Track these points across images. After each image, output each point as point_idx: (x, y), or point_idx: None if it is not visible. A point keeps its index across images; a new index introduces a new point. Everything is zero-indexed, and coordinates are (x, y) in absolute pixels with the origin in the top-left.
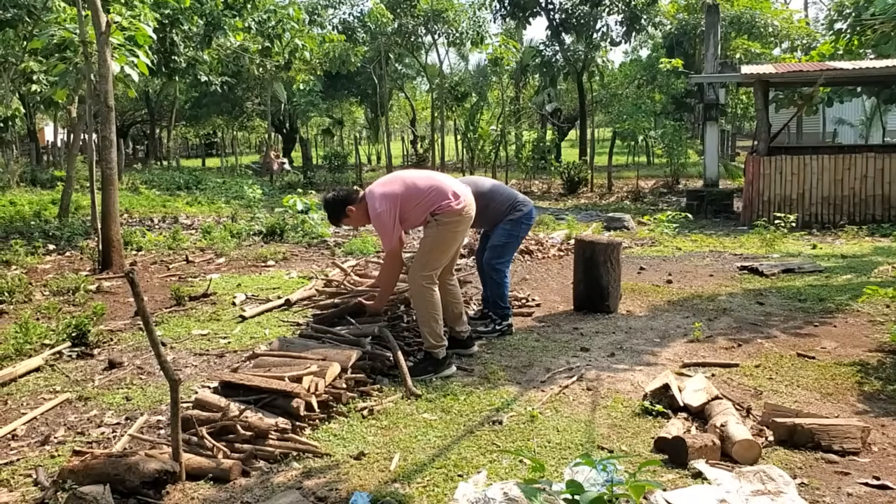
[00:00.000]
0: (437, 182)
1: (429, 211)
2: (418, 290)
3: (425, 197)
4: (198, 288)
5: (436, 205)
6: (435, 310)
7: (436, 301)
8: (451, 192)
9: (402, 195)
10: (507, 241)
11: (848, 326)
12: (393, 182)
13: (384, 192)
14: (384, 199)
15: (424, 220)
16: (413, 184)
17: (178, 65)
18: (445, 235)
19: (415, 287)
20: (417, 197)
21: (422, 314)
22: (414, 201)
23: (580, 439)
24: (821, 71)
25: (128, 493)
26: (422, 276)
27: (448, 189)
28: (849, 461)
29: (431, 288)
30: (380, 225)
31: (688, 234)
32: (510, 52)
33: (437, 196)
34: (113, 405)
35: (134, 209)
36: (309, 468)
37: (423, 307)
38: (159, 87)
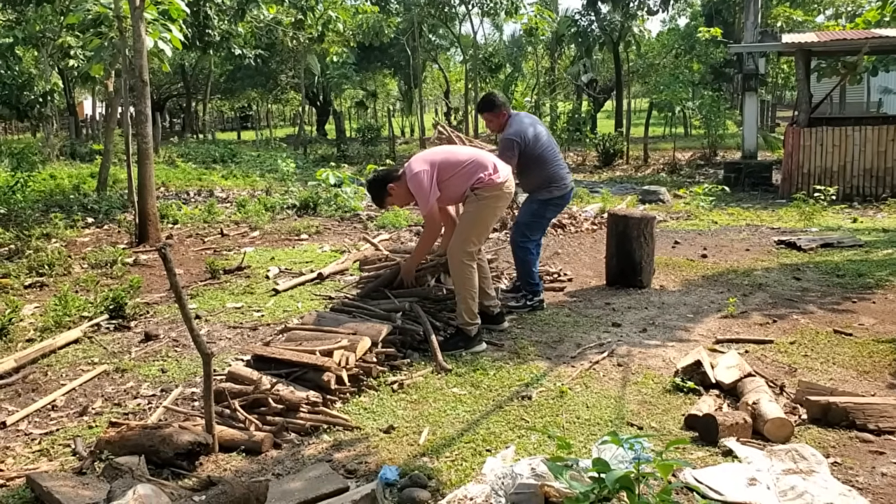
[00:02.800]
0: (476, 155)
1: (469, 184)
2: (459, 266)
3: (464, 167)
4: (232, 261)
5: (475, 177)
6: (473, 287)
7: (474, 279)
8: (491, 164)
9: (441, 162)
10: (533, 221)
11: (887, 303)
12: (433, 152)
13: (422, 158)
14: (421, 162)
15: (464, 194)
16: (452, 153)
17: (212, 38)
18: (485, 211)
19: (455, 263)
20: (456, 166)
21: (460, 290)
22: (452, 170)
23: (610, 416)
24: (866, 39)
25: (162, 463)
26: (463, 251)
27: (489, 162)
28: (884, 440)
29: (471, 265)
30: (417, 186)
31: (724, 207)
32: (545, 21)
33: (475, 167)
34: (149, 377)
35: (170, 182)
36: (339, 441)
37: (462, 283)
38: (194, 60)
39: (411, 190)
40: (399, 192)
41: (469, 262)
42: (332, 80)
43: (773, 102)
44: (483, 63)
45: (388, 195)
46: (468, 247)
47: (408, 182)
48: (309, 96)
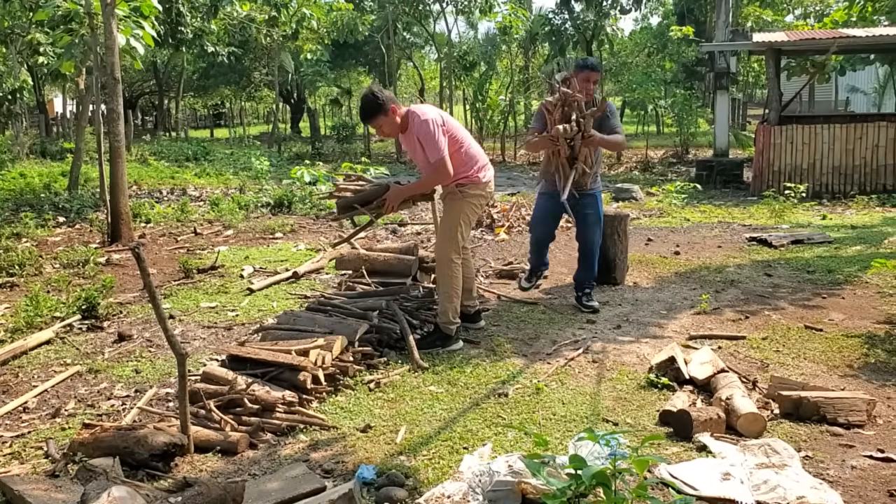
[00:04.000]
0: (471, 142)
1: (459, 173)
2: (447, 264)
3: (460, 150)
4: (206, 260)
5: (465, 166)
6: (458, 286)
7: (460, 278)
8: (482, 159)
9: (451, 129)
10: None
11: (856, 298)
12: (442, 113)
13: (433, 109)
14: (434, 112)
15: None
16: (457, 128)
17: (184, 35)
18: (468, 209)
19: (444, 261)
20: (456, 143)
21: (445, 289)
22: (453, 145)
23: (585, 412)
24: (833, 38)
25: (137, 465)
26: (452, 249)
27: (480, 156)
28: (854, 434)
29: (458, 263)
30: (426, 132)
31: (696, 204)
32: (519, 20)
33: (468, 158)
34: (122, 378)
35: (143, 181)
36: (316, 441)
37: (448, 282)
38: (167, 57)
39: (419, 135)
40: (390, 122)
41: (457, 260)
42: (306, 78)
43: (744, 101)
44: (457, 61)
45: (382, 115)
46: (456, 244)
47: (416, 125)
48: (283, 94)
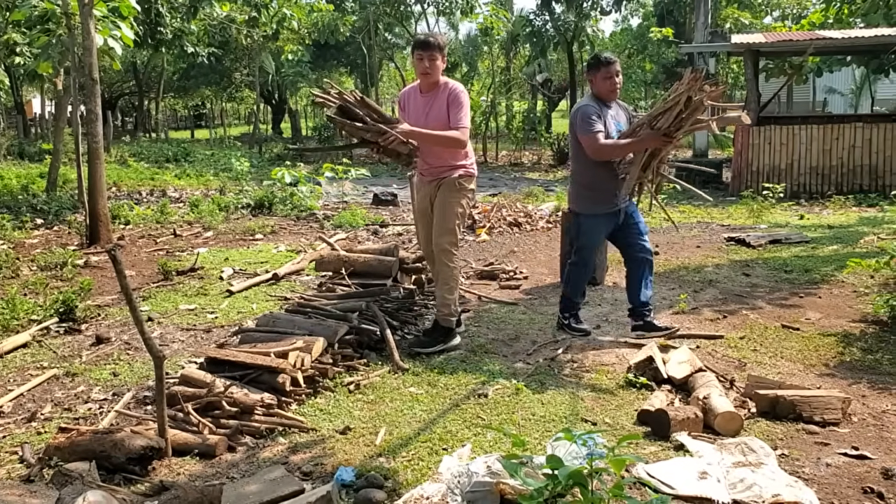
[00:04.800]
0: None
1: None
2: (447, 254)
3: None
4: (185, 262)
5: (469, 160)
6: (458, 278)
7: (459, 269)
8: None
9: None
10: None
11: (832, 297)
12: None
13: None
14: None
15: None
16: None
17: (164, 36)
18: (465, 202)
19: (445, 254)
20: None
21: (448, 281)
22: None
23: (564, 412)
24: (810, 40)
25: (113, 469)
26: (451, 241)
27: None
28: (829, 432)
29: (458, 255)
30: (463, 101)
31: (676, 204)
32: (500, 21)
33: (470, 151)
34: (100, 381)
35: (122, 182)
36: (295, 443)
37: (449, 273)
38: (146, 58)
39: (454, 99)
40: (439, 67)
41: (456, 252)
42: (287, 79)
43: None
44: None
45: (440, 57)
46: (455, 236)
47: (455, 89)
48: (264, 94)
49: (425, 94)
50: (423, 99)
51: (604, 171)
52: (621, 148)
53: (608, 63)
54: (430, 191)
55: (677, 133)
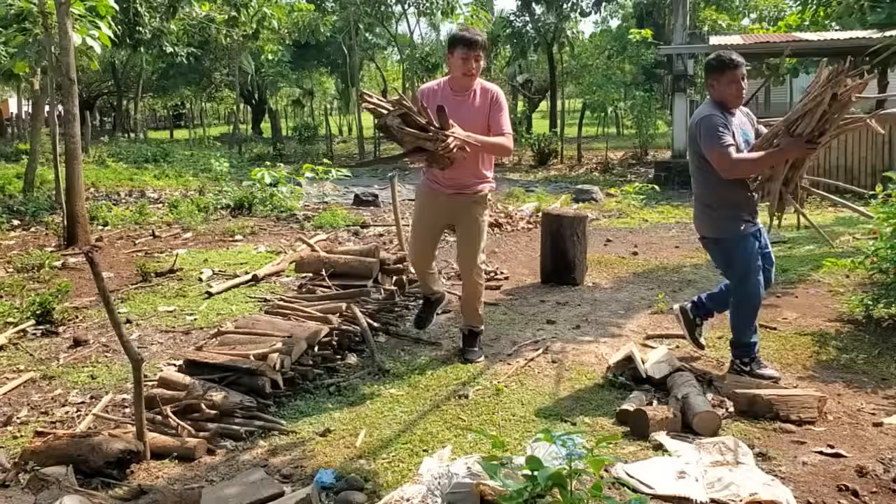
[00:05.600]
0: None
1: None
2: (481, 274)
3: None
4: (164, 263)
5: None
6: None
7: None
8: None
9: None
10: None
11: (809, 297)
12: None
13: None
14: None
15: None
16: None
17: (142, 35)
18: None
19: (479, 273)
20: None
21: (479, 297)
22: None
23: (544, 412)
24: (787, 42)
25: (91, 473)
26: (481, 259)
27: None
28: (805, 430)
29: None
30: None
31: (655, 205)
32: (481, 22)
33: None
34: (78, 384)
35: (100, 183)
36: (275, 446)
37: (479, 290)
38: (125, 58)
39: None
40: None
41: (483, 270)
42: (267, 78)
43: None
44: (420, 62)
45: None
46: (483, 255)
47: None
48: (244, 94)
49: (458, 94)
50: (456, 100)
51: (739, 187)
52: (758, 162)
53: (735, 66)
54: (451, 206)
55: (822, 138)
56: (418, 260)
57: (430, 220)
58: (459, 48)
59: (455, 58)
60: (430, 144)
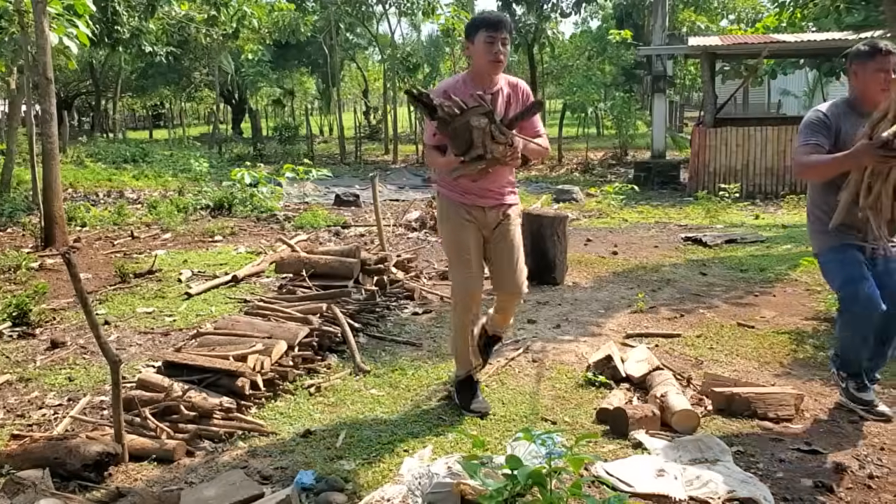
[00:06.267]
0: None
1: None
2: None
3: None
4: (143, 264)
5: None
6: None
7: None
8: None
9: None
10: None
11: (786, 296)
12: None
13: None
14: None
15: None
16: None
17: (120, 35)
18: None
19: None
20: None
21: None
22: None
23: (525, 411)
24: (765, 43)
25: (68, 476)
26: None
27: None
28: (783, 428)
29: None
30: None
31: (634, 205)
32: (462, 22)
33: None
34: (55, 386)
35: (78, 183)
36: (254, 447)
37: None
38: (103, 57)
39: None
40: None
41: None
42: (247, 78)
43: (681, 103)
44: (401, 63)
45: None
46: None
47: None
48: (224, 94)
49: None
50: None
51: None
52: (827, 165)
53: (887, 53)
54: (487, 222)
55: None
56: (476, 292)
57: (476, 237)
58: (483, 31)
59: (478, 44)
60: (501, 150)
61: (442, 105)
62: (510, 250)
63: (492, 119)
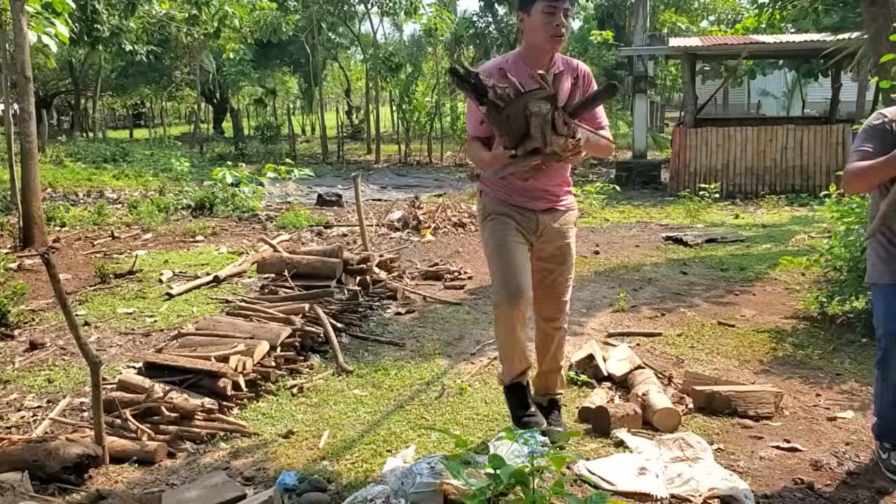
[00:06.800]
0: None
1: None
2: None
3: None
4: (123, 265)
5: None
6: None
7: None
8: None
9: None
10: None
11: (766, 294)
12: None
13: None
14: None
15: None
16: None
17: (100, 33)
18: None
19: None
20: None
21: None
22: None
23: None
24: (744, 44)
25: (48, 478)
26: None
27: None
28: (762, 426)
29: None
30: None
31: (616, 205)
32: (444, 22)
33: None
34: (34, 388)
35: (58, 183)
36: (237, 448)
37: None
38: (83, 56)
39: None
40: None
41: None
42: (229, 77)
43: (661, 104)
44: (383, 62)
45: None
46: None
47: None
48: (205, 93)
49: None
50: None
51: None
52: (866, 171)
53: None
54: (539, 227)
55: None
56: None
57: (523, 243)
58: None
59: (535, 15)
60: (562, 143)
61: (495, 87)
62: (562, 260)
63: (555, 105)
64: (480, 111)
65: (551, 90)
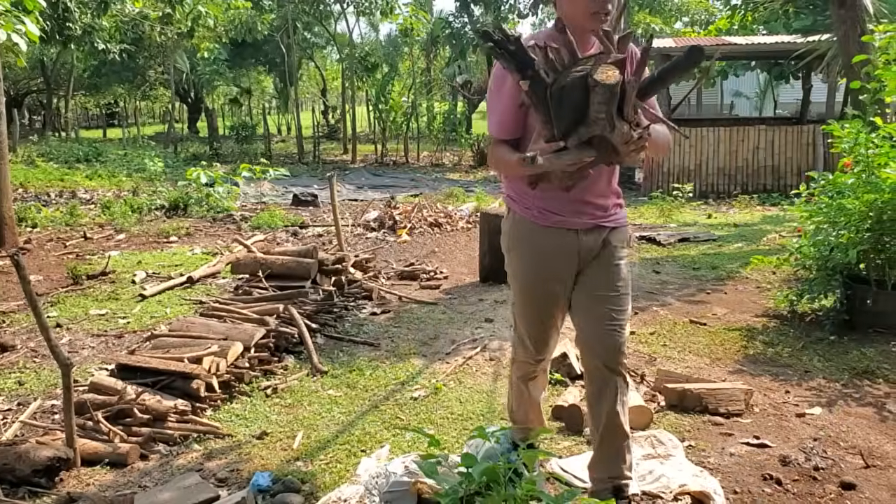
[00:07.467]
0: None
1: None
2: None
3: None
4: (96, 266)
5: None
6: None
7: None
8: None
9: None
10: None
11: (737, 293)
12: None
13: None
14: None
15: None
16: None
17: (72, 32)
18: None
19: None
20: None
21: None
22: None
23: (482, 410)
24: (717, 46)
25: (18, 482)
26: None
27: None
28: (732, 422)
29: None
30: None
31: None
32: (420, 22)
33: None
34: (4, 390)
35: (29, 183)
36: (210, 450)
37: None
38: (55, 54)
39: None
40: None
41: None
42: (203, 77)
43: None
44: (359, 62)
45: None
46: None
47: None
48: (179, 93)
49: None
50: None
51: None
52: None
53: None
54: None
55: None
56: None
57: (555, 277)
58: None
59: None
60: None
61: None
62: (611, 288)
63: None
64: (521, 87)
65: (618, 55)
